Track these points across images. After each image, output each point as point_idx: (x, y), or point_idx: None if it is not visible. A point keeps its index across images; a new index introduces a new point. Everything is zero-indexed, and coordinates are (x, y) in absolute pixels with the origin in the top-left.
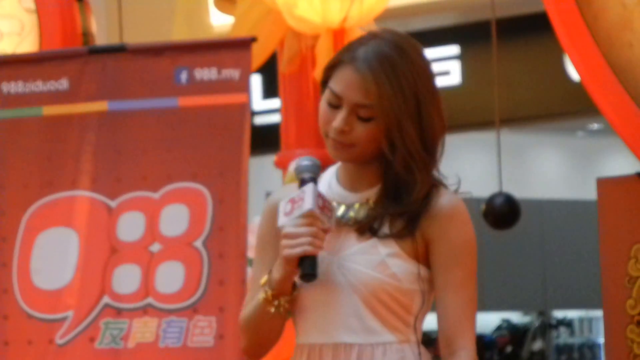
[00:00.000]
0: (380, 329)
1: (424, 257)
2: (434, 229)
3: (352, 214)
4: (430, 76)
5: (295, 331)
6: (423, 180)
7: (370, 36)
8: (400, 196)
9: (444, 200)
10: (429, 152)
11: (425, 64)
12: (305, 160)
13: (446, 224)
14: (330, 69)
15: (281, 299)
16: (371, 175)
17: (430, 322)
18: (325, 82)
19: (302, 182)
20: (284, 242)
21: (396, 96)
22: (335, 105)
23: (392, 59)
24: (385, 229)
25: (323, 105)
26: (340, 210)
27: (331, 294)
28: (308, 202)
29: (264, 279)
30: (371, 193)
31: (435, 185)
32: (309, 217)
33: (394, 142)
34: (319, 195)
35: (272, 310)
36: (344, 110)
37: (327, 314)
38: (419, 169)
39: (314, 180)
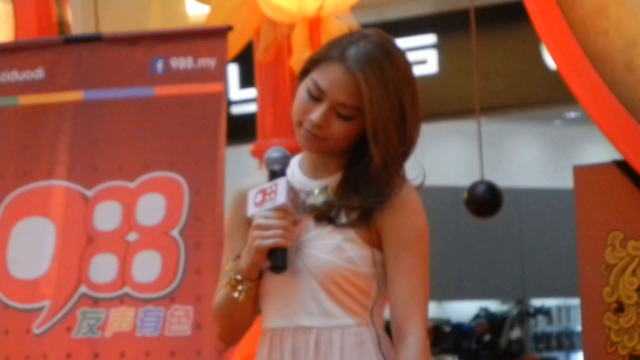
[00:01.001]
0: (338, 313)
1: (377, 243)
2: (384, 218)
3: (311, 201)
4: (414, 83)
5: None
6: (396, 179)
7: (360, 36)
8: (358, 187)
9: (395, 190)
10: (405, 156)
11: (410, 71)
12: (274, 152)
13: (395, 213)
14: (316, 62)
15: (244, 284)
16: (333, 164)
17: None
18: (306, 71)
19: (272, 174)
20: (256, 232)
21: (384, 101)
22: (315, 98)
23: (381, 63)
24: (342, 219)
25: (302, 94)
26: (314, 202)
27: (290, 279)
28: (281, 196)
29: (229, 265)
30: (330, 180)
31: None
32: (281, 211)
33: (378, 143)
34: (290, 189)
35: (236, 295)
36: (325, 105)
37: (287, 299)
38: (394, 168)
39: (284, 172)
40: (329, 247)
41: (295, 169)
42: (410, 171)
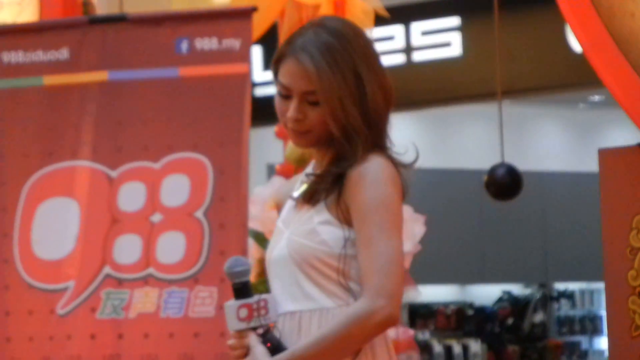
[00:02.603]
0: (318, 296)
1: (351, 222)
2: (348, 192)
3: (299, 191)
4: (370, 54)
5: None
6: (363, 147)
7: (308, 26)
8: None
9: (360, 165)
10: (372, 126)
11: (365, 44)
12: (231, 268)
13: (354, 187)
14: (276, 64)
15: None
16: (328, 155)
17: (430, 294)
18: (275, 77)
19: (238, 290)
20: (230, 352)
21: (335, 77)
22: (286, 97)
23: (328, 43)
24: (320, 196)
25: (276, 98)
26: (301, 189)
27: (280, 267)
28: (230, 324)
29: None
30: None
31: (372, 151)
32: (237, 333)
33: (337, 120)
34: (242, 306)
35: None
36: (295, 100)
37: (278, 286)
38: (361, 140)
39: (242, 288)
40: (305, 231)
41: (309, 167)
42: (404, 151)
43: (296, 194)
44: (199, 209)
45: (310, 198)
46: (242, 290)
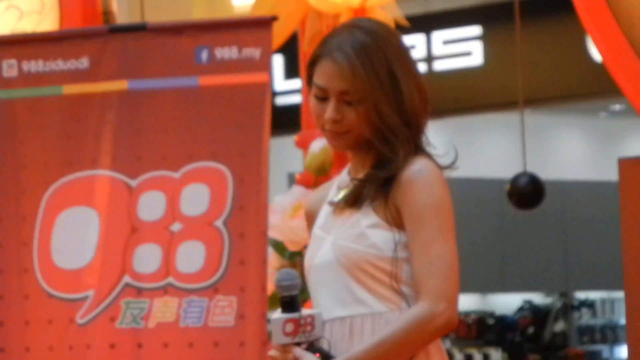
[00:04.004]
0: (369, 300)
1: (400, 225)
2: (400, 195)
3: (341, 195)
4: (405, 55)
5: None
6: (405, 150)
7: (343, 27)
8: (385, 170)
9: (411, 167)
10: (410, 126)
11: (399, 44)
12: (281, 281)
13: (409, 189)
14: (312, 67)
15: None
16: (368, 160)
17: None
18: (310, 80)
19: (285, 303)
20: None
21: (369, 77)
22: (322, 99)
23: (364, 43)
24: (366, 199)
25: (312, 101)
26: (340, 194)
27: (325, 272)
28: (274, 337)
29: None
30: (362, 176)
31: (417, 154)
32: (281, 347)
33: (372, 122)
34: (288, 321)
35: None
36: (332, 100)
37: (323, 292)
38: (400, 142)
39: (289, 302)
40: (354, 235)
41: (344, 173)
42: (443, 153)
43: (336, 199)
44: (218, 218)
45: (354, 202)
46: (289, 304)
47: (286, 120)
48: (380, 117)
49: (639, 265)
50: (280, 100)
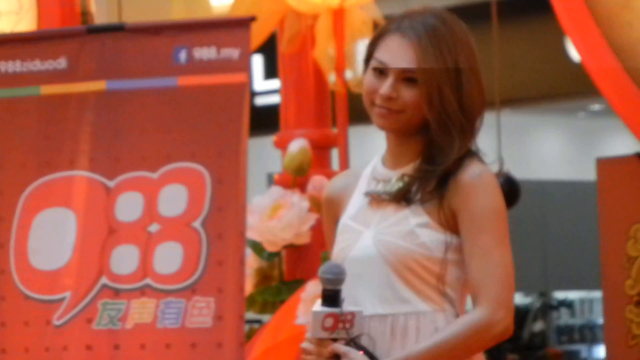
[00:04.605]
0: (413, 299)
1: (453, 227)
2: (459, 198)
3: (387, 188)
4: (472, 50)
5: None
6: (460, 143)
7: (416, 11)
8: (435, 164)
9: (468, 170)
10: (467, 119)
11: (468, 38)
12: (327, 274)
13: (469, 193)
14: (375, 42)
15: None
16: (411, 151)
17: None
18: (368, 57)
19: (327, 297)
20: (303, 356)
21: (437, 62)
22: (380, 74)
23: (437, 28)
24: (416, 197)
25: (368, 76)
26: (379, 186)
27: (365, 267)
28: (312, 330)
29: None
30: (407, 169)
31: (470, 156)
32: (317, 340)
33: (432, 105)
34: (329, 315)
35: None
36: (391, 77)
37: (361, 287)
38: (456, 131)
39: (331, 295)
40: (402, 233)
41: (378, 163)
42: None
43: (374, 190)
44: (196, 219)
45: (403, 198)
46: (331, 297)
47: (265, 120)
48: (442, 101)
49: (617, 265)
50: (259, 101)
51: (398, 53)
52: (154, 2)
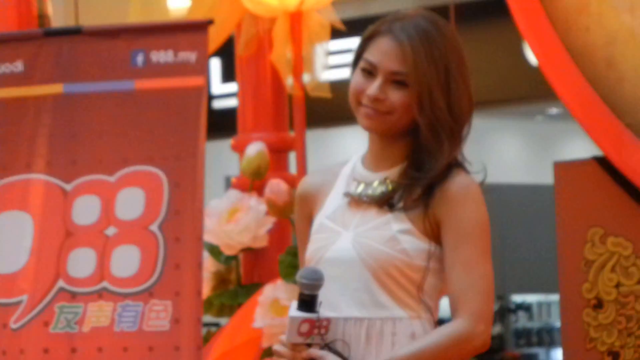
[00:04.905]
0: (390, 304)
1: (436, 236)
2: (444, 208)
3: (369, 191)
4: (461, 55)
5: None
6: (449, 148)
7: (407, 13)
8: (423, 170)
9: (456, 180)
10: (456, 123)
11: (458, 43)
12: (305, 279)
13: (455, 204)
14: (365, 43)
15: None
16: (395, 155)
17: None
18: (357, 59)
19: (304, 302)
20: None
21: (429, 65)
22: (369, 75)
23: (428, 31)
24: (400, 203)
25: (356, 76)
26: (360, 188)
27: (342, 269)
28: (288, 334)
29: None
30: (391, 172)
31: (456, 165)
32: (291, 345)
33: (423, 108)
34: (305, 321)
35: None
36: (379, 78)
37: (337, 288)
38: (446, 135)
39: (309, 300)
40: (384, 238)
41: (357, 164)
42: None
43: (355, 191)
44: (154, 222)
45: (386, 203)
46: (308, 303)
47: (223, 123)
48: (432, 104)
49: (574, 268)
50: (217, 104)
51: (389, 55)
52: (111, 5)
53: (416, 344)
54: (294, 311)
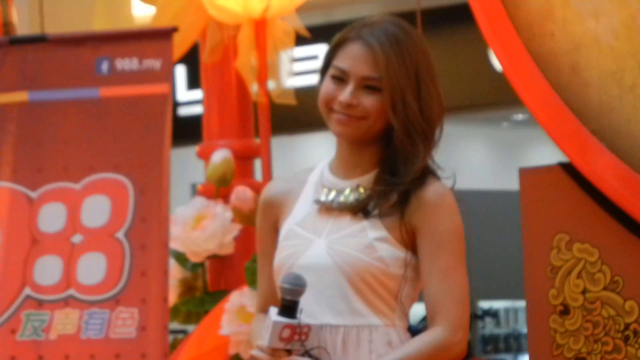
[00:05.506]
0: (366, 312)
1: (411, 244)
2: (420, 217)
3: (342, 199)
4: (429, 59)
5: None
6: (424, 151)
7: (374, 19)
8: (397, 176)
9: (431, 189)
10: (429, 126)
11: (426, 48)
12: (288, 284)
13: (431, 213)
14: (333, 50)
15: None
16: (365, 162)
17: None
18: (326, 66)
19: (281, 307)
20: None
21: (400, 69)
22: (340, 82)
23: (397, 36)
24: (376, 210)
25: (326, 84)
26: (331, 195)
27: (318, 276)
28: (265, 339)
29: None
30: (362, 180)
31: (429, 172)
32: (270, 350)
33: (397, 112)
34: (287, 326)
35: None
36: (351, 84)
37: (314, 296)
38: (420, 138)
39: (291, 306)
40: (361, 245)
41: (325, 170)
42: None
43: (325, 199)
44: (119, 229)
45: (361, 210)
46: (290, 308)
47: (188, 130)
48: (405, 108)
49: (540, 274)
50: (183, 111)
51: (360, 60)
52: (76, 12)
53: (397, 352)
54: (275, 316)
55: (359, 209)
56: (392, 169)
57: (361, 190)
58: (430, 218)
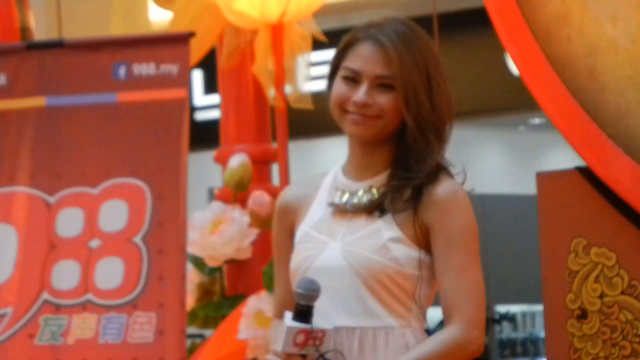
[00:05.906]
0: (382, 313)
1: (425, 243)
2: (432, 215)
3: (355, 200)
4: (437, 56)
5: None
6: (437, 147)
7: (381, 20)
8: (411, 172)
9: (443, 186)
10: (440, 122)
11: (432, 45)
12: (302, 289)
13: (444, 210)
14: (342, 52)
15: None
16: (378, 163)
17: None
18: (335, 68)
19: (295, 311)
20: None
21: (412, 67)
22: (352, 82)
23: (406, 34)
24: (391, 206)
25: (337, 86)
26: (344, 197)
27: (333, 279)
28: (280, 344)
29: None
30: (375, 181)
31: (441, 170)
32: (285, 355)
33: (410, 109)
34: (301, 332)
35: None
36: (364, 84)
37: (329, 299)
38: (432, 134)
39: (306, 311)
40: (375, 246)
41: (338, 173)
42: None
43: (340, 201)
44: (137, 234)
45: (375, 210)
46: (305, 313)
47: (205, 135)
48: (418, 105)
49: (557, 278)
50: (200, 116)
51: (372, 60)
52: (93, 17)
53: (414, 352)
54: (290, 321)
55: (373, 209)
56: (406, 166)
57: (374, 191)
58: (443, 215)
